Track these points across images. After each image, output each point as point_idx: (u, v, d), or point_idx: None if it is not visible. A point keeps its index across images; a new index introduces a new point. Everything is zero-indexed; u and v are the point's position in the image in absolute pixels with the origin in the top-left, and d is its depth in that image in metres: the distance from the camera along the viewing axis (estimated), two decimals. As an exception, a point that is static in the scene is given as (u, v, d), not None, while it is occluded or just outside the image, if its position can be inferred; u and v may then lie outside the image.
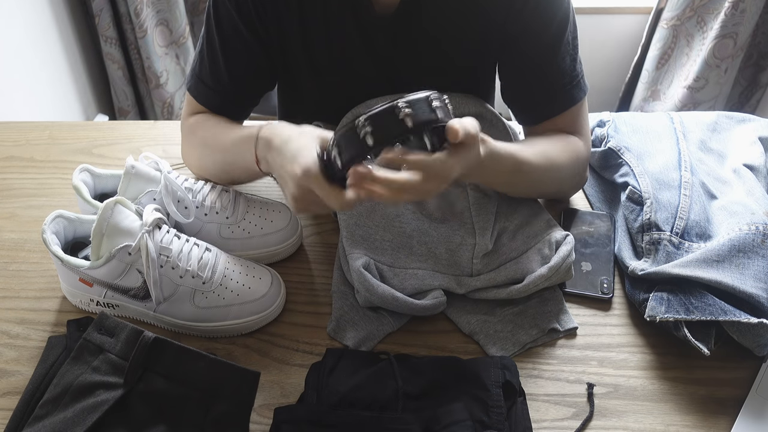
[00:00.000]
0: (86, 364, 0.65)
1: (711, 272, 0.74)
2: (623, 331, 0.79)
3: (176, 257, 0.75)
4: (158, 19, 2.07)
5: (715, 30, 1.98)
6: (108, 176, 0.87)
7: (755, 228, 0.77)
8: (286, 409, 0.66)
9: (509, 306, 0.79)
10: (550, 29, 0.84)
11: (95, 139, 1.07)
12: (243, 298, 0.76)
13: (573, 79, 0.86)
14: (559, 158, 0.84)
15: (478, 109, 0.94)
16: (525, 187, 0.86)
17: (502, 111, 0.98)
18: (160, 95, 2.21)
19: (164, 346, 0.64)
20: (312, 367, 0.73)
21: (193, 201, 0.83)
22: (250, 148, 0.80)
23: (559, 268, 0.78)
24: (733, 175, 0.89)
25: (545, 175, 0.84)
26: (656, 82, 2.19)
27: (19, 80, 1.78)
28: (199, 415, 0.63)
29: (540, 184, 0.86)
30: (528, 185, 0.85)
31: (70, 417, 0.61)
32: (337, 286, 0.81)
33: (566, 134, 0.88)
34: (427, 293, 0.79)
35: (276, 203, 0.87)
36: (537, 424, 0.69)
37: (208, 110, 0.92)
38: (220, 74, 0.89)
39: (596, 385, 0.73)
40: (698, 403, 0.71)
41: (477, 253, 0.82)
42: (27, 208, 0.95)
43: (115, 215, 0.73)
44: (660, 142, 0.92)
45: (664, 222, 0.81)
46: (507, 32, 0.86)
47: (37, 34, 1.85)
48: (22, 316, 0.80)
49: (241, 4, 0.85)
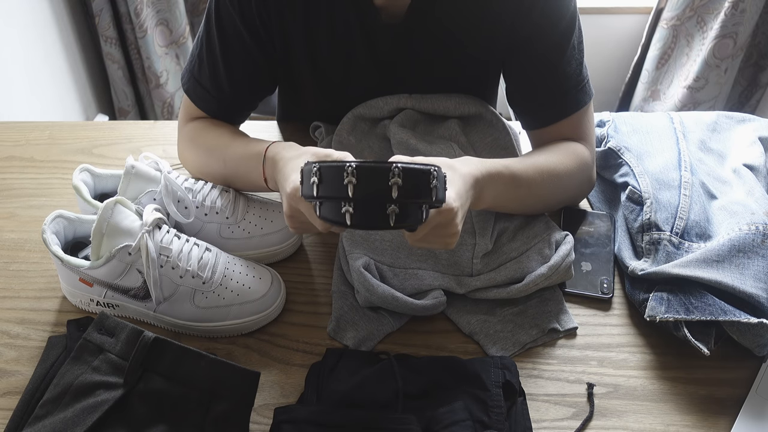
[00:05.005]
0: (86, 364, 0.65)
1: (711, 272, 0.74)
2: (623, 331, 0.79)
3: (176, 257, 0.75)
4: (158, 19, 2.07)
5: (715, 30, 1.98)
6: (108, 176, 0.87)
7: (755, 228, 0.77)
8: (286, 409, 0.66)
9: (509, 306, 0.79)
10: (557, 33, 0.83)
11: (95, 139, 1.07)
12: (243, 298, 0.76)
13: (579, 84, 0.86)
14: (560, 166, 0.83)
15: (479, 110, 0.94)
16: (531, 201, 0.84)
17: (503, 111, 0.98)
18: (160, 95, 2.21)
19: (164, 346, 0.64)
20: (312, 367, 0.73)
21: (193, 201, 0.83)
22: (257, 166, 0.81)
23: (558, 267, 0.78)
24: (733, 175, 0.89)
25: (547, 186, 0.82)
26: (656, 82, 2.19)
27: (19, 80, 1.78)
28: (199, 415, 0.63)
29: (544, 195, 0.84)
30: (533, 198, 0.84)
31: (70, 417, 0.61)
32: (337, 286, 0.81)
33: (569, 141, 0.87)
34: (427, 293, 0.79)
35: (276, 203, 0.87)
36: (537, 424, 0.69)
37: (207, 114, 0.92)
38: (219, 79, 0.88)
39: (596, 385, 0.73)
40: (698, 403, 0.71)
41: (477, 253, 0.82)
42: (27, 208, 0.95)
43: (115, 215, 0.73)
44: (660, 142, 0.92)
45: (664, 222, 0.81)
46: (514, 35, 0.86)
47: (37, 34, 1.85)
48: (22, 316, 0.80)
49: (244, 9, 0.84)
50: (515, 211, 0.85)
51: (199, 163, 0.90)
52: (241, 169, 0.84)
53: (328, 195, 0.58)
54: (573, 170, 0.85)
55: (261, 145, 0.82)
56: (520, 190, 0.80)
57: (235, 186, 0.87)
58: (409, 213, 0.58)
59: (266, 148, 0.80)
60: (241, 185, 0.87)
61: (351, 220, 0.57)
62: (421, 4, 0.83)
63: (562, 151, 0.85)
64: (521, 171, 0.79)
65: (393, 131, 0.92)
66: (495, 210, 0.85)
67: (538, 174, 0.81)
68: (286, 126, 1.10)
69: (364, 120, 0.96)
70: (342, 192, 0.56)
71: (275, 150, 0.79)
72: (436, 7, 0.84)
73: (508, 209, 0.84)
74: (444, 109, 0.94)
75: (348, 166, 0.56)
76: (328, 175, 0.57)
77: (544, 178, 0.82)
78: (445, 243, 0.68)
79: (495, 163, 0.77)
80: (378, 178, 0.56)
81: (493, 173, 0.75)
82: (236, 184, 0.87)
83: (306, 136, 1.04)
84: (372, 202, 0.57)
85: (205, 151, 0.89)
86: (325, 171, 0.58)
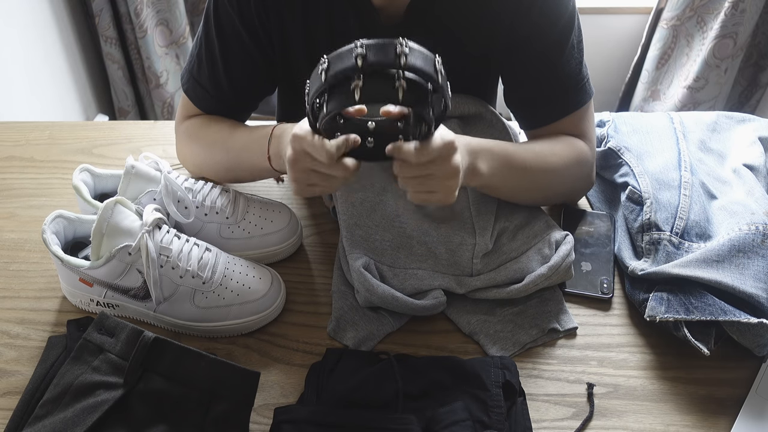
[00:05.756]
0: (86, 364, 0.65)
1: (711, 272, 0.74)
2: (623, 331, 0.79)
3: (176, 257, 0.75)
4: (158, 19, 2.07)
5: (715, 30, 1.98)
6: (108, 176, 0.87)
7: (755, 228, 0.77)
8: (286, 409, 0.66)
9: (509, 306, 0.79)
10: (556, 32, 0.83)
11: (95, 139, 1.07)
12: (243, 298, 0.76)
13: (578, 83, 0.86)
14: (557, 155, 0.84)
15: (478, 109, 0.94)
16: (527, 185, 0.85)
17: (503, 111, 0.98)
18: (160, 95, 2.21)
19: (164, 346, 0.64)
20: (312, 367, 0.73)
21: (193, 201, 0.83)
22: (262, 147, 0.81)
23: (558, 267, 0.78)
24: (733, 175, 0.89)
25: (543, 174, 0.83)
26: (656, 82, 2.19)
27: (19, 80, 1.78)
28: (199, 415, 0.63)
29: (540, 181, 0.85)
30: (528, 182, 0.84)
31: (70, 417, 0.61)
32: (337, 286, 0.81)
33: (569, 136, 0.88)
34: (427, 293, 0.79)
35: (276, 203, 0.87)
36: (537, 424, 0.69)
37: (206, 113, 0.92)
38: (219, 80, 0.88)
39: (596, 385, 0.73)
40: (698, 403, 0.71)
41: (477, 253, 0.82)
42: (27, 208, 0.95)
43: (115, 215, 0.73)
44: (660, 142, 0.92)
45: (664, 222, 0.81)
46: (513, 34, 0.86)
47: (37, 34, 1.84)
48: (22, 316, 0.80)
49: (243, 9, 0.84)
50: (511, 197, 0.86)
51: (198, 158, 0.90)
52: (244, 154, 0.85)
53: (337, 70, 0.58)
54: (570, 160, 0.85)
55: (267, 128, 0.83)
56: (514, 171, 0.81)
57: (236, 174, 0.88)
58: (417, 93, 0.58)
59: (273, 128, 0.82)
60: (242, 172, 0.87)
61: (360, 94, 0.57)
62: (421, 3, 0.83)
63: (561, 142, 0.86)
64: (517, 151, 0.81)
65: (393, 131, 0.92)
66: (490, 192, 0.84)
67: (534, 158, 0.82)
68: (286, 126, 1.10)
69: (364, 120, 0.96)
70: (350, 62, 0.57)
71: (283, 128, 0.80)
72: (435, 6, 0.84)
73: (504, 193, 0.85)
74: (444, 108, 0.94)
75: (356, 43, 0.57)
76: (337, 58, 0.58)
77: (540, 164, 0.82)
78: (446, 187, 0.68)
79: (488, 141, 0.80)
80: (385, 49, 0.57)
81: (486, 147, 0.78)
82: (237, 172, 0.88)
83: (306, 136, 1.03)
84: (380, 75, 0.58)
85: (207, 145, 0.89)
86: (334, 56, 0.59)
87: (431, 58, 0.60)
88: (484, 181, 0.78)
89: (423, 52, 0.59)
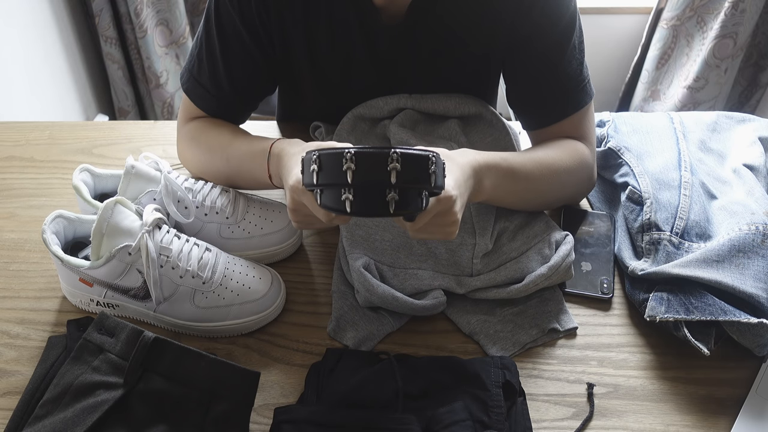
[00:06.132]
0: (86, 364, 0.65)
1: (711, 272, 0.74)
2: (623, 331, 0.79)
3: (176, 257, 0.75)
4: (158, 19, 2.07)
5: (715, 30, 1.98)
6: (108, 176, 0.87)
7: (755, 228, 0.77)
8: (286, 409, 0.66)
9: (509, 306, 0.79)
10: (557, 32, 0.83)
11: (95, 139, 1.07)
12: (243, 298, 0.76)
13: (579, 83, 0.86)
14: (558, 162, 0.83)
15: (479, 110, 0.94)
16: (530, 196, 0.85)
17: (503, 111, 0.98)
18: (160, 95, 2.21)
19: (164, 346, 0.64)
20: (312, 367, 0.73)
21: (193, 201, 0.83)
22: (262, 163, 0.81)
23: (558, 267, 0.78)
24: (733, 175, 0.89)
25: (546, 180, 0.83)
26: (656, 82, 2.19)
27: (19, 80, 1.78)
28: (199, 415, 0.63)
29: (543, 189, 0.85)
30: (531, 193, 0.84)
31: (70, 417, 0.61)
32: (337, 286, 0.81)
33: (570, 139, 0.88)
34: (427, 293, 0.79)
35: (276, 203, 0.87)
36: (537, 424, 0.69)
37: (207, 114, 0.92)
38: (219, 79, 0.88)
39: (596, 385, 0.73)
40: (698, 403, 0.71)
41: (477, 253, 0.82)
42: (27, 208, 0.95)
43: (115, 215, 0.73)
44: (660, 142, 0.92)
45: (664, 222, 0.81)
46: (514, 34, 0.86)
47: (37, 34, 1.84)
48: (22, 316, 0.80)
49: (244, 9, 0.84)
50: (514, 205, 0.85)
51: (200, 162, 0.90)
52: (245, 166, 0.84)
53: (327, 182, 0.58)
54: (572, 166, 0.85)
55: (265, 143, 0.82)
56: (518, 183, 0.80)
57: (238, 184, 0.87)
58: (408, 200, 0.58)
59: (271, 144, 0.81)
60: (243, 183, 0.87)
61: (351, 207, 0.57)
62: (422, 3, 0.83)
63: (562, 147, 0.86)
64: (520, 163, 0.80)
65: (393, 131, 0.92)
66: (494, 204, 0.84)
67: (536, 167, 0.82)
68: (286, 126, 1.10)
69: (364, 120, 0.96)
70: (341, 178, 0.56)
71: (280, 146, 0.79)
72: (437, 5, 0.84)
73: (507, 203, 0.84)
74: (444, 109, 0.94)
75: (347, 152, 0.56)
76: (328, 162, 0.58)
77: (543, 172, 0.82)
78: (446, 233, 0.68)
79: (493, 155, 0.78)
80: (377, 163, 0.56)
81: (491, 164, 0.77)
82: (238, 182, 0.87)
83: (306, 136, 1.03)
84: (371, 189, 0.57)
85: (207, 150, 0.88)
86: (325, 158, 0.58)
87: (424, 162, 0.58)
88: (488, 196, 0.78)
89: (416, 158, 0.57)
